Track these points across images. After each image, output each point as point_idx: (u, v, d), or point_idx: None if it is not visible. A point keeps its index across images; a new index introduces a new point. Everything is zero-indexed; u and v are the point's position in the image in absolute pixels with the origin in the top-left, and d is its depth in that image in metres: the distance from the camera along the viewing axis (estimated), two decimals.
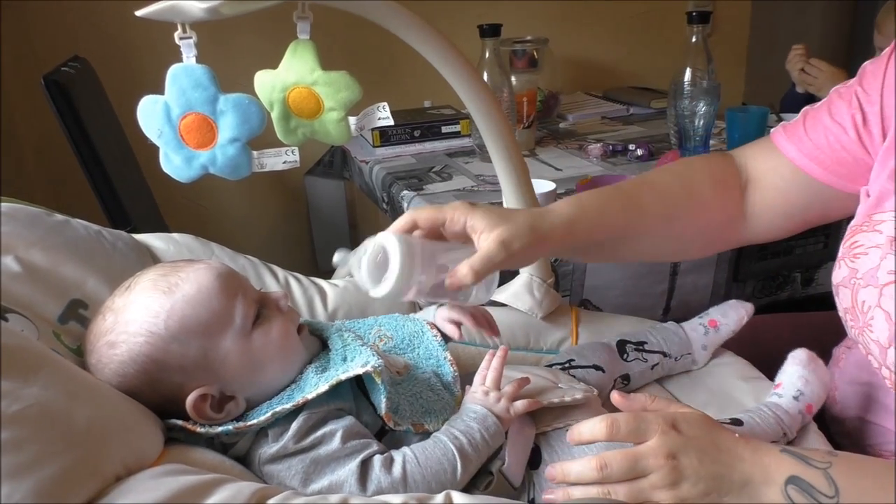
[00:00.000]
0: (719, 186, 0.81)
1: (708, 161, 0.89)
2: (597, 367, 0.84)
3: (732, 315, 0.91)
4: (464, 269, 0.65)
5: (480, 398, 0.70)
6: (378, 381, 0.66)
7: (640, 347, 0.88)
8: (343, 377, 0.65)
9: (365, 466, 0.62)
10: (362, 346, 0.70)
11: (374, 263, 0.67)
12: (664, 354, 0.88)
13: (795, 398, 0.78)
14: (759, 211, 0.82)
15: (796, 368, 0.81)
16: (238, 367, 0.66)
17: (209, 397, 0.65)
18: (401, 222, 0.70)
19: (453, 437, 0.66)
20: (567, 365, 0.84)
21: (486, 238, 0.67)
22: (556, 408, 0.73)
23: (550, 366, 0.86)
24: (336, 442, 0.63)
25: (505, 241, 0.67)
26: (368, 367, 0.65)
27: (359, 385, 0.69)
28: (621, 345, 0.88)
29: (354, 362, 0.67)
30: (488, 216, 0.68)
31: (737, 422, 0.75)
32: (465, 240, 0.69)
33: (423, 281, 0.66)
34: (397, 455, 0.64)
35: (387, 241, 0.65)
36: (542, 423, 0.73)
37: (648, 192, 0.81)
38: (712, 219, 0.82)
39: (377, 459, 0.63)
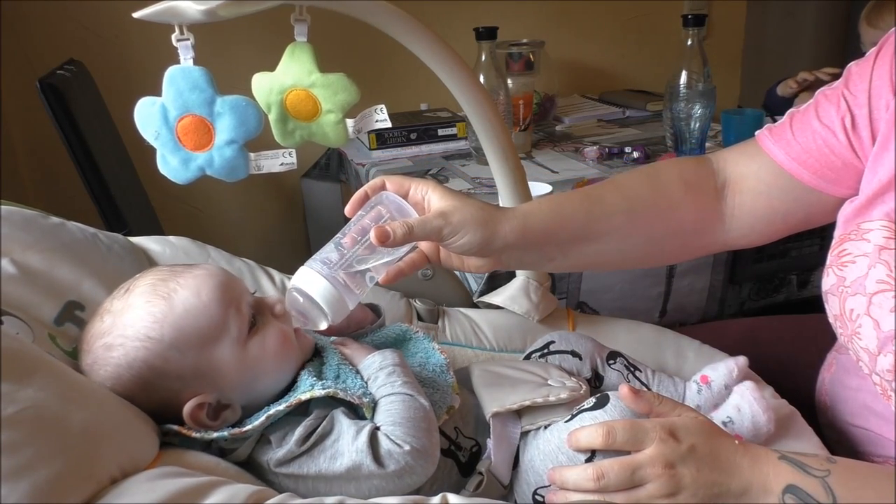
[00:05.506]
0: (691, 188, 0.80)
1: (679, 163, 0.88)
2: (574, 353, 0.82)
3: (722, 369, 0.81)
4: (399, 226, 0.67)
5: (364, 354, 0.73)
6: (368, 416, 0.66)
7: (631, 368, 0.83)
8: (340, 395, 0.65)
9: (373, 444, 0.62)
10: (356, 373, 0.70)
11: (304, 305, 0.69)
12: (649, 389, 0.82)
13: (724, 423, 0.75)
14: (738, 214, 0.80)
15: (732, 397, 0.78)
16: (234, 376, 0.66)
17: (206, 405, 0.65)
18: (373, 182, 0.73)
19: (393, 386, 0.67)
20: (546, 349, 0.83)
21: (432, 208, 0.70)
22: (540, 406, 0.72)
23: (532, 352, 0.85)
24: (337, 431, 0.63)
25: (445, 213, 0.69)
26: (365, 400, 0.66)
27: None
28: (614, 354, 0.85)
29: (347, 385, 0.67)
30: (445, 193, 0.71)
31: None
32: (422, 210, 0.72)
33: (357, 292, 0.69)
34: (385, 426, 0.64)
35: (303, 284, 0.68)
36: (527, 420, 0.73)
37: (611, 190, 0.80)
38: (684, 220, 0.80)
39: (380, 435, 0.63)
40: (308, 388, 0.65)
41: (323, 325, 0.69)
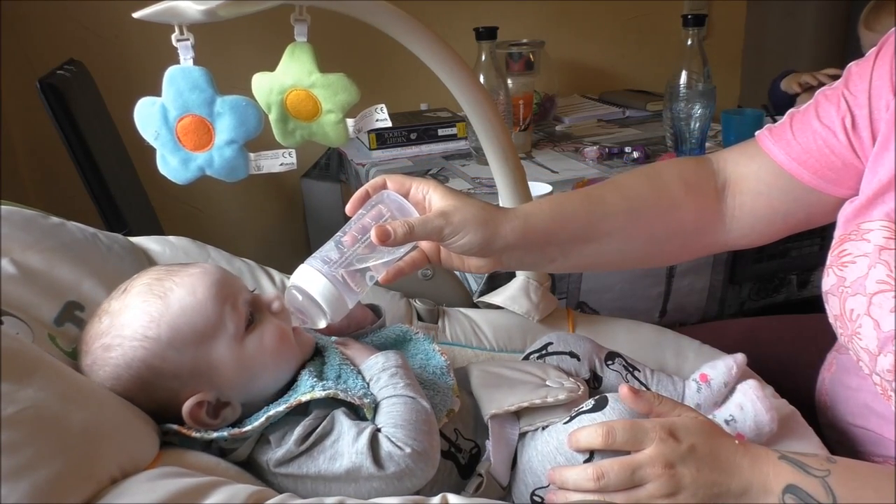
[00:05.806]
0: (691, 188, 0.80)
1: (679, 163, 0.88)
2: (572, 354, 0.82)
3: (721, 367, 0.81)
4: (400, 225, 0.67)
5: (366, 355, 0.72)
6: (369, 417, 0.66)
7: (630, 368, 0.83)
8: (341, 396, 0.65)
9: (373, 446, 0.62)
10: (357, 374, 0.70)
11: (303, 303, 0.69)
12: (648, 389, 0.82)
13: (726, 422, 0.76)
14: (738, 215, 0.80)
15: (735, 395, 0.78)
16: (233, 374, 0.66)
17: (205, 404, 0.65)
18: (373, 181, 0.73)
19: (395, 388, 0.67)
20: (544, 351, 0.83)
21: (433, 208, 0.70)
22: (538, 407, 0.72)
23: (530, 353, 0.85)
24: (337, 432, 0.63)
25: (446, 212, 0.69)
26: (366, 401, 0.65)
27: None
28: (612, 354, 0.84)
29: (349, 386, 0.67)
30: (446, 193, 0.71)
31: None
32: (423, 210, 0.72)
33: (356, 291, 0.69)
34: (386, 428, 0.64)
35: (302, 282, 0.67)
36: (525, 422, 0.73)
37: (612, 191, 0.80)
38: (685, 220, 0.80)
39: (381, 437, 0.63)
40: (308, 389, 0.65)
41: (322, 324, 0.69)
